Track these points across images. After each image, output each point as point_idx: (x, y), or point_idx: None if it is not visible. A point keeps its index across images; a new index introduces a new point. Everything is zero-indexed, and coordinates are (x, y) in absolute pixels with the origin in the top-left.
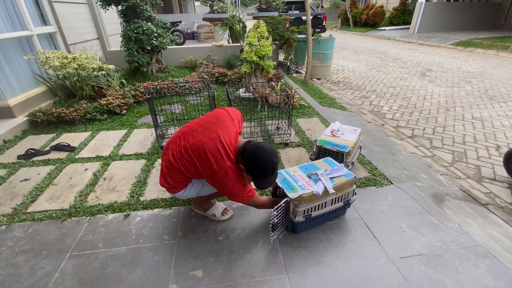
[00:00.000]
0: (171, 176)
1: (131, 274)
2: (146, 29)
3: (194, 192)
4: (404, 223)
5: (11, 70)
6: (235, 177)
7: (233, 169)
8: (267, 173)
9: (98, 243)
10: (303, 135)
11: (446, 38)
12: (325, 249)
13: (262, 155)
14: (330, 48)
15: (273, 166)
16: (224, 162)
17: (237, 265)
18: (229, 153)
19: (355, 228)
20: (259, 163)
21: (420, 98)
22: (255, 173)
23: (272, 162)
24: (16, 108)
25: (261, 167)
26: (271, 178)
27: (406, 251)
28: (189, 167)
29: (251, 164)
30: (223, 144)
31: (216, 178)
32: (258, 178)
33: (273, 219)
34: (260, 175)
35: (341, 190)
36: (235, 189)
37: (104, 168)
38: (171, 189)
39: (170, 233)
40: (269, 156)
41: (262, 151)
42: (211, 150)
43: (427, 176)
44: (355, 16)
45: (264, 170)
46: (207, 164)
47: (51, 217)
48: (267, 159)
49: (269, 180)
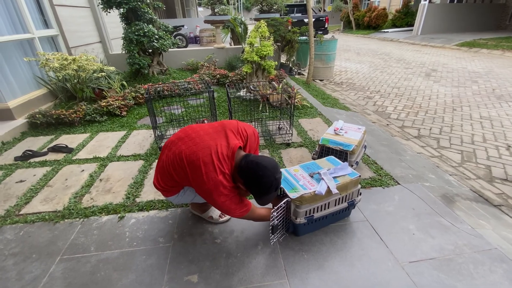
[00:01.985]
0: (163, 179)
1: (122, 279)
2: (147, 31)
3: (187, 199)
4: (412, 225)
5: (12, 72)
6: (226, 193)
7: (225, 185)
8: (270, 190)
9: (90, 246)
10: (305, 135)
11: (450, 39)
12: (328, 253)
13: (264, 173)
14: (333, 49)
15: (277, 184)
16: (216, 175)
17: (235, 269)
18: (224, 167)
19: (360, 230)
20: (260, 182)
21: (426, 98)
22: (256, 192)
23: (275, 179)
24: (16, 110)
25: (262, 186)
26: (274, 193)
27: (415, 255)
28: (179, 172)
29: (251, 184)
30: (219, 156)
31: (204, 191)
32: (260, 196)
33: (273, 221)
34: (262, 193)
35: (345, 190)
36: (225, 206)
37: (101, 169)
38: (164, 191)
39: (166, 236)
40: (271, 173)
41: (263, 169)
42: (204, 158)
43: (435, 176)
44: (357, 19)
45: (266, 189)
46: (197, 172)
47: (44, 219)
48: (269, 176)
49: (272, 196)
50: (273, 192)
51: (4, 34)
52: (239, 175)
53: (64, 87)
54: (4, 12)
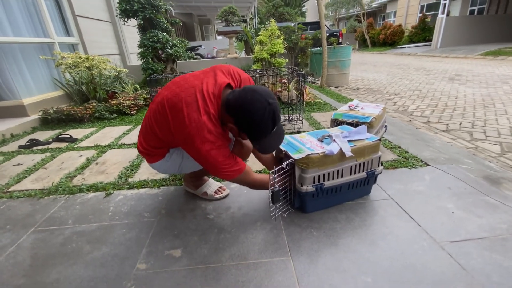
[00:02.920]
0: (146, 138)
1: (94, 251)
2: (161, 38)
3: (174, 167)
4: (450, 204)
5: (30, 71)
6: (212, 140)
7: (210, 129)
8: (266, 122)
9: (68, 220)
10: (318, 126)
11: (473, 50)
12: (344, 230)
13: (253, 97)
14: (347, 55)
15: (272, 110)
16: (199, 115)
17: (226, 245)
18: (209, 106)
19: (383, 208)
20: (251, 110)
21: (452, 98)
22: (249, 128)
23: (268, 104)
24: (30, 107)
25: (255, 115)
26: (274, 133)
27: (458, 234)
28: (161, 122)
29: (241, 115)
30: (203, 94)
31: (186, 138)
32: (255, 134)
33: (272, 186)
34: (256, 129)
35: (362, 156)
36: (211, 158)
37: (100, 155)
38: (147, 156)
39: (152, 211)
40: (262, 97)
41: (251, 92)
42: (187, 98)
43: (472, 161)
44: (372, 37)
45: (260, 119)
46: (179, 116)
47: (29, 195)
48: (260, 100)
49: (272, 138)
50: (270, 127)
51: (25, 36)
52: (227, 111)
53: (80, 90)
54: (26, 15)
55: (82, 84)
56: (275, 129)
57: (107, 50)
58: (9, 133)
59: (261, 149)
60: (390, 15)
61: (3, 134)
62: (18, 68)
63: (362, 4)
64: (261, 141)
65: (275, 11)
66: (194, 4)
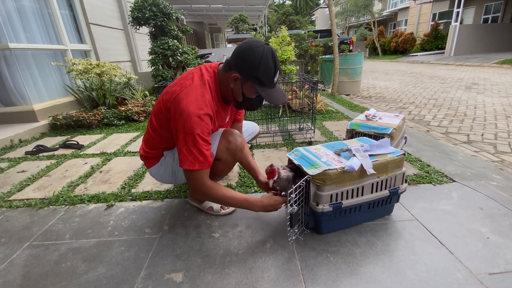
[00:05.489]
0: (147, 141)
1: (89, 271)
2: (171, 45)
3: (168, 171)
4: (484, 227)
5: (42, 78)
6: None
7: (202, 92)
8: (267, 59)
9: (66, 234)
10: (331, 135)
11: (488, 58)
12: (365, 256)
13: (250, 42)
14: (359, 63)
15: (270, 49)
16: (191, 81)
17: (233, 270)
18: (204, 74)
19: (408, 231)
20: (250, 51)
21: (470, 107)
22: (253, 68)
23: (266, 44)
24: (40, 113)
25: (255, 53)
26: (278, 87)
27: (497, 265)
28: (159, 113)
29: (244, 57)
30: (199, 68)
31: (172, 103)
32: (261, 74)
33: (291, 207)
34: (260, 67)
35: (385, 172)
36: (189, 123)
37: (105, 162)
38: (146, 160)
39: (154, 227)
40: (259, 42)
41: (248, 40)
42: (183, 75)
43: (502, 177)
44: (383, 45)
45: (260, 56)
46: (172, 89)
47: (29, 205)
48: (257, 42)
49: (277, 90)
50: (271, 62)
51: (38, 43)
52: (229, 68)
53: (91, 96)
54: (41, 23)
55: (92, 90)
56: (276, 81)
57: (119, 57)
58: (17, 139)
59: (268, 97)
60: (401, 23)
61: (12, 140)
62: (30, 74)
63: (373, 13)
64: (268, 90)
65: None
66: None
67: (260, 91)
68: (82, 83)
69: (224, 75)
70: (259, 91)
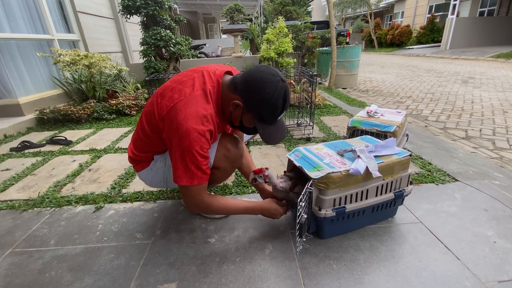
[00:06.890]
0: (135, 143)
1: (75, 282)
2: (164, 35)
3: (158, 176)
4: (490, 231)
5: (27, 69)
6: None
7: (202, 105)
8: (277, 99)
9: (51, 239)
10: (329, 131)
11: (484, 52)
12: (369, 263)
13: (267, 71)
14: (356, 56)
15: (284, 87)
16: (191, 90)
17: (230, 279)
18: (206, 82)
19: (413, 234)
20: (262, 84)
21: (467, 102)
22: (259, 103)
23: (281, 80)
24: (25, 106)
25: (266, 89)
26: (280, 124)
27: (506, 272)
28: (151, 114)
29: (253, 89)
30: (202, 73)
31: (168, 113)
32: (264, 112)
33: (300, 216)
34: (266, 105)
35: (391, 174)
36: (188, 139)
37: (94, 160)
38: (134, 163)
39: (146, 231)
40: (276, 74)
41: (265, 68)
42: (183, 75)
43: (503, 176)
44: (379, 37)
45: (271, 94)
46: (169, 95)
47: (13, 207)
48: (273, 75)
49: (278, 128)
50: (280, 102)
51: (23, 32)
52: (234, 90)
53: (80, 89)
54: (25, 11)
55: (81, 82)
56: (279, 118)
57: (109, 48)
58: (1, 134)
59: (265, 135)
60: (397, 15)
61: None
62: (15, 65)
63: (369, 4)
64: (267, 127)
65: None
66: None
67: (259, 127)
68: (70, 75)
69: (228, 93)
70: (257, 127)
